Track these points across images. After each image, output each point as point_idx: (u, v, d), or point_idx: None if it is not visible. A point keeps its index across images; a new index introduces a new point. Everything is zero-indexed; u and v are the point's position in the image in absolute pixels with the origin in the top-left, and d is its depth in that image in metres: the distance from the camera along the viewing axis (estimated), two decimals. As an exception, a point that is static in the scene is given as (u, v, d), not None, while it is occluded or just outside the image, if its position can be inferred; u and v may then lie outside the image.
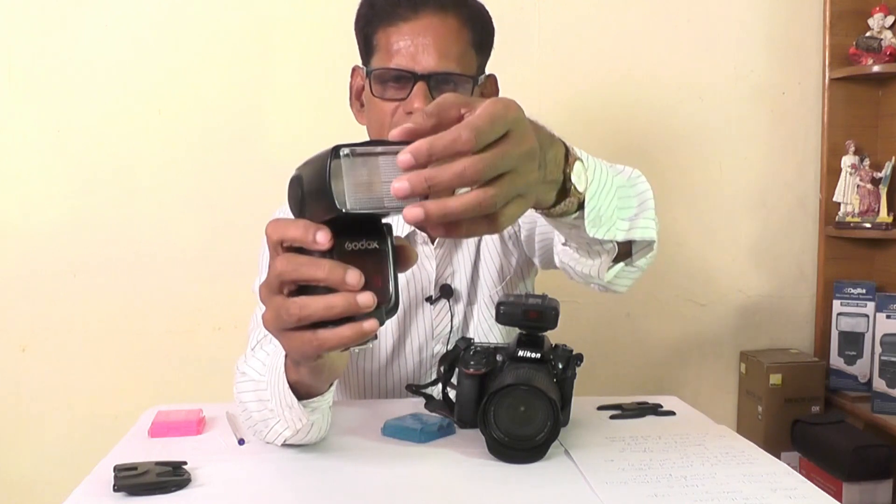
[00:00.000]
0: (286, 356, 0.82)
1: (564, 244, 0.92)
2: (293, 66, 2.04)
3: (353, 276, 0.60)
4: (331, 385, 0.87)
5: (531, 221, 1.15)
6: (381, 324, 0.63)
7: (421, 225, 0.58)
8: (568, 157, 0.75)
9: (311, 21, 2.03)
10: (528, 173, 0.63)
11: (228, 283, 2.00)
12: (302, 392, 0.84)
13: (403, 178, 0.56)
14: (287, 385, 0.83)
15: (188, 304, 2.06)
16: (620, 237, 0.83)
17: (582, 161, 0.76)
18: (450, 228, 0.60)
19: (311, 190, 0.60)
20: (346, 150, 0.58)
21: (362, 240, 0.62)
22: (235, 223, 2.03)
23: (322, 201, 0.59)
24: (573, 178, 0.75)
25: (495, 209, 0.60)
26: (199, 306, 2.05)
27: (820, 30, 2.18)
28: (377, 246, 0.63)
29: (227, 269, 2.02)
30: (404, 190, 0.56)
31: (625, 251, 0.89)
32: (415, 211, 0.57)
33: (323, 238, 0.60)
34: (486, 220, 0.61)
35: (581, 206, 0.77)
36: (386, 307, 0.63)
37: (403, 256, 0.65)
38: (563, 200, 0.75)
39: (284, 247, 0.63)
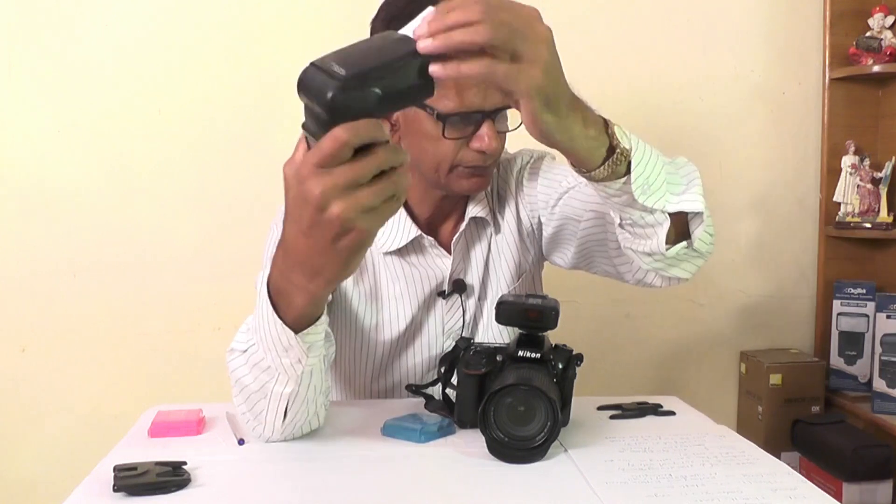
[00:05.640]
0: (276, 301, 0.82)
1: (620, 224, 0.96)
2: (293, 66, 2.02)
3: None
4: (323, 309, 0.86)
5: (564, 217, 1.14)
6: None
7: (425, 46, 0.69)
8: (608, 123, 0.86)
9: (311, 21, 2.03)
10: (534, 36, 0.78)
11: (228, 283, 2.00)
12: (298, 328, 0.84)
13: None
14: (281, 324, 0.82)
15: (188, 304, 2.06)
16: (671, 208, 0.91)
17: (620, 127, 0.87)
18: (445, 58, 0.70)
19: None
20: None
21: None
22: (235, 223, 2.03)
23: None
24: (617, 135, 0.86)
25: (483, 39, 0.70)
26: (199, 306, 2.05)
27: (820, 30, 2.18)
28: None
29: (227, 269, 2.02)
30: (423, 31, 0.69)
31: (682, 231, 0.95)
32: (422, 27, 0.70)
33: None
34: (478, 57, 0.71)
35: (628, 171, 0.86)
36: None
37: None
38: (609, 158, 0.85)
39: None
